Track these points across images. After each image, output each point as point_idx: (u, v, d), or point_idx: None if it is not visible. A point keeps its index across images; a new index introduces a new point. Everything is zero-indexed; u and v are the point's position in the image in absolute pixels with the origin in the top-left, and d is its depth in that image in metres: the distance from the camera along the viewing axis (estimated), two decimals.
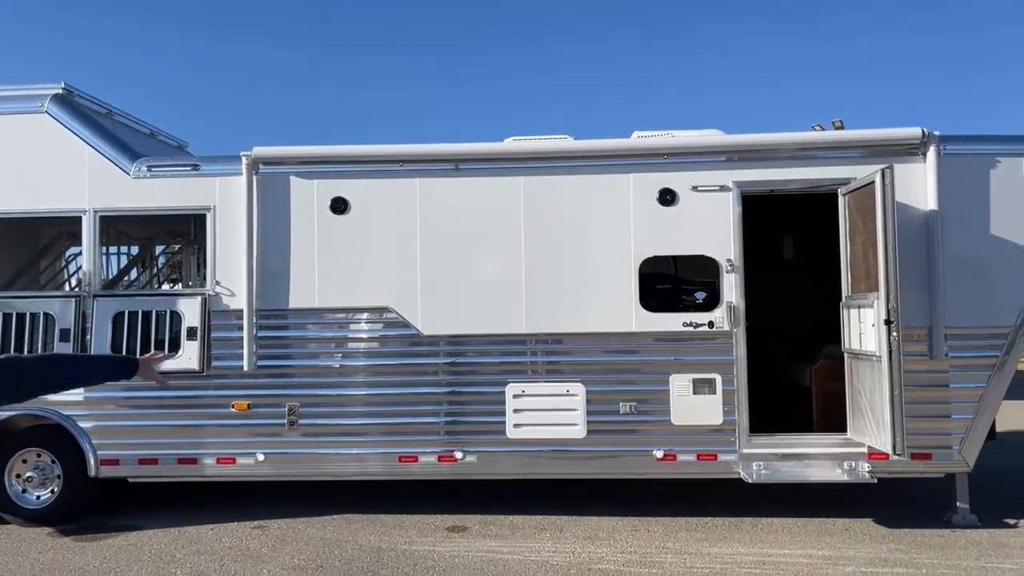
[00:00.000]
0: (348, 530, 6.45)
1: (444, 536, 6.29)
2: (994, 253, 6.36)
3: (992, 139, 6.51)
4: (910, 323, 6.12)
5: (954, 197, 6.36)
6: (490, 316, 6.65)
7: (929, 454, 6.30)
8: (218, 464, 6.68)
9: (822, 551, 5.82)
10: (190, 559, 5.79)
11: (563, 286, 6.62)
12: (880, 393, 5.86)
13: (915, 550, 5.81)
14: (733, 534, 6.26)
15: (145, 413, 6.70)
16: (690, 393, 6.50)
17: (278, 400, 6.68)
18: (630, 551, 5.87)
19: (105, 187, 6.82)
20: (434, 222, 6.72)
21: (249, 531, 6.46)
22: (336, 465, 6.68)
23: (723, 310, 6.52)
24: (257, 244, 6.71)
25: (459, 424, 6.63)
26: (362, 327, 6.74)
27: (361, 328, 6.74)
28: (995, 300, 6.36)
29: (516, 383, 6.61)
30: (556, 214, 6.67)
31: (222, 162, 6.84)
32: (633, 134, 7.11)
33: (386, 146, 6.81)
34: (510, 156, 6.75)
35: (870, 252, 6.03)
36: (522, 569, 5.49)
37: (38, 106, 6.92)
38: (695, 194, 6.58)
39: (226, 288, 6.73)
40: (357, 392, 6.68)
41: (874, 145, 6.49)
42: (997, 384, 6.34)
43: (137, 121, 8.11)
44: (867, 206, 6.05)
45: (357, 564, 5.63)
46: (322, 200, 6.74)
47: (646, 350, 6.57)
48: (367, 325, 6.73)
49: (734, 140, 6.69)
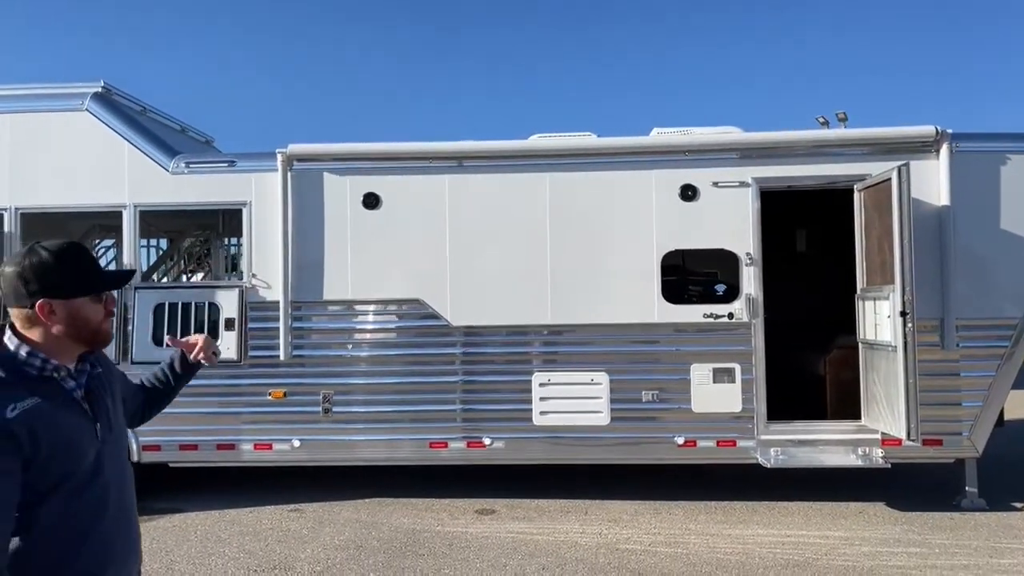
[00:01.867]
0: (381, 513, 6.72)
1: (474, 518, 6.56)
2: (1003, 248, 6.60)
3: (1003, 137, 6.74)
4: (923, 315, 6.36)
5: (965, 193, 6.60)
6: (517, 308, 6.90)
7: (940, 440, 6.56)
8: (255, 450, 6.94)
9: (838, 532, 6.09)
10: (235, 539, 6.06)
11: (587, 279, 6.87)
12: (895, 382, 6.11)
13: (927, 531, 6.08)
14: (752, 517, 6.53)
15: (185, 401, 6.81)
16: (710, 382, 6.76)
17: (313, 388, 6.94)
18: (654, 532, 6.14)
19: (145, 183, 7.06)
20: (463, 217, 6.96)
21: (286, 514, 6.73)
22: (368, 451, 6.95)
23: (742, 302, 6.77)
24: (292, 238, 6.95)
25: (487, 411, 6.89)
26: (393, 318, 6.99)
27: (392, 319, 6.99)
28: (1004, 293, 6.60)
29: (542, 372, 6.87)
30: (580, 209, 6.91)
31: (257, 159, 7.08)
32: (652, 131, 7.34)
33: (416, 143, 7.05)
34: (536, 153, 6.98)
35: (885, 246, 6.27)
36: (552, 549, 5.76)
37: (79, 104, 7.15)
38: (715, 190, 6.82)
39: (262, 280, 6.98)
40: (389, 380, 6.94)
41: (888, 143, 6.72)
42: (1006, 373, 6.60)
43: (168, 118, 8.34)
44: (883, 202, 6.29)
45: (395, 544, 5.90)
46: (354, 195, 6.98)
47: (668, 340, 6.82)
48: (398, 316, 6.98)
49: (753, 138, 6.92)
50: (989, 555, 5.53)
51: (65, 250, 1.95)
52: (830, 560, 5.46)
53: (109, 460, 1.97)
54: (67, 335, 1.91)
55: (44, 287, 1.88)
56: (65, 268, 1.91)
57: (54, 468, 1.81)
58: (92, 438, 1.93)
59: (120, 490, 1.99)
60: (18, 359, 1.85)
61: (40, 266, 1.88)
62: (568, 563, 5.46)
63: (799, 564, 5.39)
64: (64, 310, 1.90)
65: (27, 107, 7.15)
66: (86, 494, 1.88)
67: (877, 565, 5.36)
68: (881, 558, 5.50)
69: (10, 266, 1.89)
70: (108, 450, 1.98)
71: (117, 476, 2.00)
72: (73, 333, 1.92)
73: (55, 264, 1.90)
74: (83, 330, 1.94)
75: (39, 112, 7.14)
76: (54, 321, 1.89)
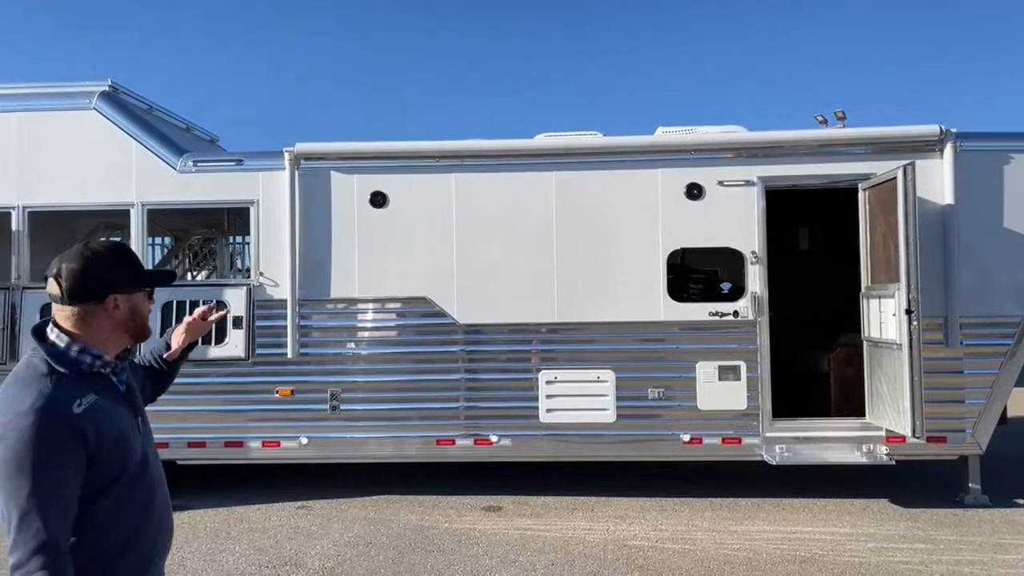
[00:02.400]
0: (389, 510, 6.75)
1: (481, 515, 6.60)
2: (1007, 246, 6.66)
3: (1007, 136, 6.80)
4: (926, 313, 6.40)
5: (969, 192, 6.65)
6: (523, 306, 6.94)
7: (944, 437, 6.61)
8: (263, 447, 6.97)
9: (844, 528, 6.14)
10: (245, 536, 6.09)
11: (594, 277, 6.91)
12: (900, 379, 6.16)
13: (931, 527, 6.13)
14: (757, 513, 6.58)
15: (193, 399, 6.98)
16: (716, 379, 6.81)
17: (320, 386, 6.98)
18: (661, 529, 6.18)
19: (153, 181, 7.08)
20: (469, 215, 6.99)
21: (294, 511, 6.76)
22: (376, 448, 6.98)
23: (747, 300, 6.82)
24: (299, 236, 6.98)
25: (494, 409, 6.93)
26: (400, 316, 7.03)
27: (399, 317, 7.03)
28: (1007, 291, 6.66)
29: (549, 370, 6.91)
30: (587, 207, 6.95)
31: (265, 158, 7.11)
32: (657, 130, 7.39)
33: (423, 142, 7.09)
34: (542, 152, 7.02)
35: (890, 244, 6.32)
36: (561, 545, 5.80)
37: (86, 103, 7.17)
38: (721, 188, 6.86)
39: (270, 279, 7.01)
40: (396, 378, 6.98)
41: (893, 142, 6.77)
42: (1009, 371, 6.65)
43: (173, 116, 8.36)
44: (888, 201, 6.33)
45: (405, 540, 5.93)
46: (362, 194, 7.02)
47: (673, 338, 6.87)
48: (405, 314, 7.02)
49: (758, 137, 6.97)
50: (993, 551, 5.58)
51: (120, 249, 2.07)
52: (837, 556, 5.51)
53: (152, 454, 2.03)
54: (125, 329, 1.98)
55: (110, 283, 1.95)
56: (124, 265, 2.00)
57: (112, 463, 1.86)
58: (137, 433, 1.98)
59: (162, 485, 2.04)
60: (71, 355, 1.88)
61: (104, 263, 1.95)
62: (577, 559, 5.50)
63: (806, 560, 5.44)
64: (127, 304, 1.98)
65: (35, 106, 7.17)
66: (136, 489, 1.93)
67: (883, 561, 5.40)
68: (887, 554, 5.55)
69: (74, 263, 1.92)
70: (149, 445, 2.03)
71: (159, 471, 2.05)
72: (131, 327, 2.00)
73: (116, 262, 1.99)
74: (138, 324, 2.02)
75: (47, 111, 7.17)
76: (117, 316, 1.96)
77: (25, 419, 1.74)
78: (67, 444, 1.77)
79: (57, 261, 1.94)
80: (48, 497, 1.72)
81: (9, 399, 1.78)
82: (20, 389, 1.79)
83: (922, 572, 5.19)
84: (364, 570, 5.35)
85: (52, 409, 1.77)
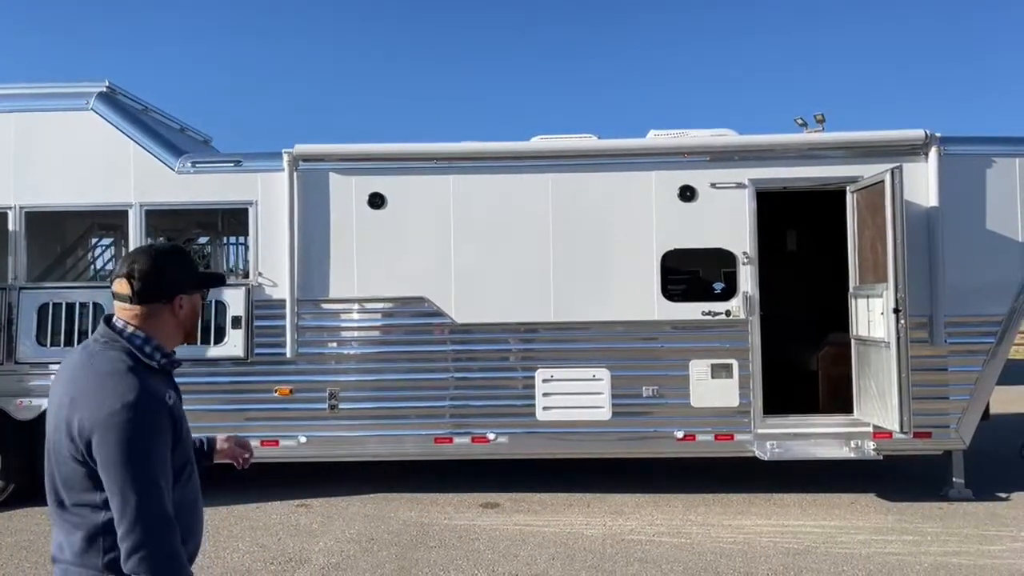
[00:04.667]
0: (388, 507, 6.83)
1: (480, 512, 6.70)
2: (989, 247, 6.86)
3: (989, 140, 7.00)
4: (912, 312, 6.57)
5: (953, 195, 6.85)
6: (520, 305, 7.04)
7: (929, 432, 6.81)
8: (262, 446, 7.01)
9: (834, 522, 6.31)
10: (246, 534, 6.15)
11: (589, 277, 7.03)
12: (888, 376, 6.34)
13: (918, 520, 6.32)
14: (749, 508, 6.73)
15: (191, 398, 6.91)
16: (708, 377, 6.95)
17: (319, 385, 7.04)
18: (657, 524, 6.32)
19: (151, 182, 7.11)
20: (466, 216, 7.09)
21: (294, 508, 6.83)
22: (375, 446, 7.06)
23: (739, 299, 6.97)
24: (298, 237, 7.04)
25: (491, 407, 7.03)
26: (399, 316, 7.11)
27: (398, 317, 7.11)
28: (990, 291, 6.86)
29: (545, 368, 7.02)
30: (582, 209, 7.07)
31: (263, 159, 7.16)
32: (649, 133, 7.53)
33: (421, 144, 7.17)
34: (539, 154, 7.13)
35: (878, 245, 6.50)
36: (560, 540, 5.92)
37: (84, 103, 7.18)
38: (713, 190, 7.01)
39: (268, 279, 7.06)
40: (395, 377, 7.06)
41: (880, 146, 6.95)
42: (991, 368, 6.86)
43: (168, 117, 8.38)
44: (875, 203, 6.51)
45: (406, 537, 6.02)
46: (360, 195, 7.09)
47: (667, 337, 7.01)
48: (403, 314, 7.10)
49: (750, 140, 7.12)
50: (979, 542, 5.77)
51: (183, 251, 2.19)
52: (828, 548, 5.67)
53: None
54: (183, 328, 2.09)
55: (178, 284, 2.06)
56: (188, 267, 2.12)
57: (183, 454, 1.99)
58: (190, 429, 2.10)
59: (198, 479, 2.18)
60: (147, 350, 1.99)
61: (173, 265, 2.07)
62: (577, 553, 5.62)
63: (799, 552, 5.59)
64: (189, 304, 2.10)
65: (32, 106, 7.17)
66: (192, 480, 2.06)
67: (874, 552, 5.57)
68: (877, 546, 5.72)
69: (145, 264, 2.01)
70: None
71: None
72: (189, 327, 2.12)
73: (182, 263, 2.11)
74: (194, 323, 2.13)
75: (44, 111, 7.17)
76: (180, 315, 2.07)
77: (137, 408, 1.84)
78: (167, 431, 1.90)
79: (127, 262, 2.03)
80: (161, 477, 1.85)
81: (113, 390, 1.86)
82: (119, 380, 1.88)
83: (911, 563, 5.37)
84: (368, 565, 5.43)
85: (157, 398, 1.90)
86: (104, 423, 1.81)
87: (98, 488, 1.84)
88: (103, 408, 1.82)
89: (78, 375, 1.91)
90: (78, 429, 1.83)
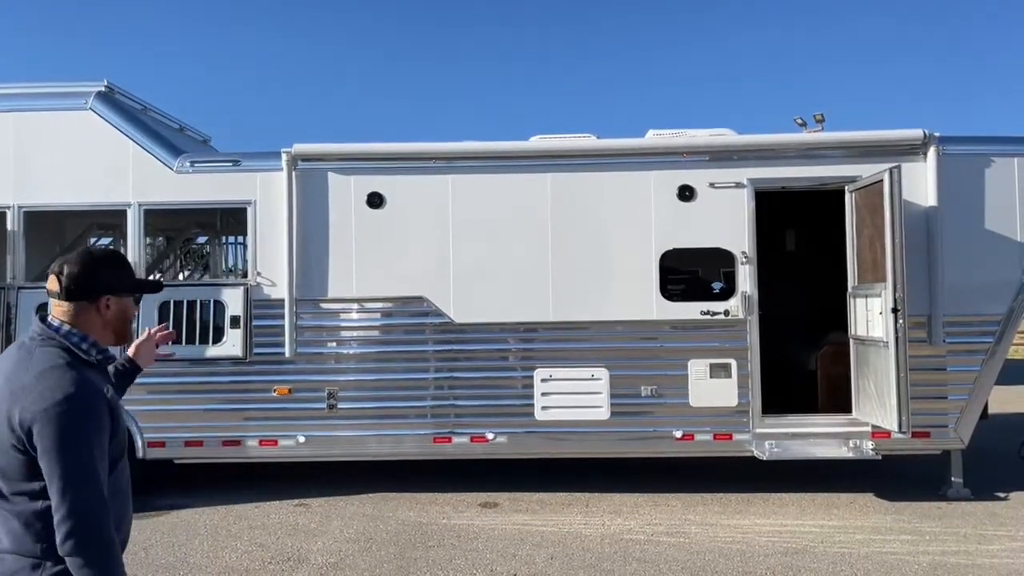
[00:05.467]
0: (386, 507, 6.83)
1: (479, 511, 6.70)
2: (988, 247, 6.86)
3: (988, 140, 7.01)
4: (911, 311, 6.57)
5: (952, 194, 6.85)
6: (519, 305, 7.04)
7: (928, 432, 6.81)
8: (261, 446, 7.03)
9: (832, 521, 6.31)
10: (245, 533, 6.15)
11: (588, 277, 7.03)
12: (887, 376, 6.35)
13: (916, 520, 6.32)
14: (748, 507, 6.73)
15: (190, 397, 7.02)
16: (707, 377, 6.96)
17: (318, 385, 7.04)
18: (656, 523, 6.32)
19: (149, 181, 7.11)
20: (465, 216, 7.09)
21: (292, 508, 6.83)
22: (373, 446, 7.06)
23: (738, 299, 6.97)
24: (297, 236, 7.04)
25: (490, 407, 7.03)
26: (397, 315, 7.11)
27: (396, 316, 7.11)
28: (988, 291, 6.86)
29: (544, 368, 7.02)
30: (581, 208, 7.08)
31: (262, 158, 7.16)
32: (648, 132, 7.53)
33: (420, 144, 7.18)
34: (538, 154, 7.14)
35: (876, 245, 6.50)
36: (559, 539, 5.92)
37: (82, 103, 7.18)
38: (712, 190, 7.02)
39: (267, 278, 7.06)
40: (393, 377, 7.06)
41: (878, 145, 6.96)
42: (990, 368, 6.86)
43: (167, 117, 8.38)
44: (875, 203, 6.52)
45: (404, 536, 6.02)
46: (359, 195, 7.09)
47: (666, 337, 7.01)
48: (402, 314, 7.10)
49: (748, 140, 7.13)
50: (977, 542, 5.77)
51: (117, 256, 2.27)
52: (827, 548, 5.67)
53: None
54: (112, 329, 2.16)
55: (106, 284, 2.14)
56: (120, 271, 2.19)
57: (117, 447, 2.08)
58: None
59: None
60: (83, 346, 2.08)
61: (103, 267, 2.15)
62: (576, 552, 5.62)
63: (798, 552, 5.59)
64: (117, 306, 2.16)
65: (31, 106, 7.17)
66: (124, 474, 2.16)
67: (872, 552, 5.57)
68: (875, 545, 5.72)
69: (75, 266, 2.10)
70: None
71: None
72: (117, 328, 2.18)
73: (113, 266, 2.18)
74: (123, 326, 2.20)
75: (43, 111, 7.17)
76: (106, 316, 2.14)
77: (77, 399, 1.94)
78: (106, 422, 2.00)
79: (60, 260, 2.13)
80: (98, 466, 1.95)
81: (56, 383, 1.95)
82: (60, 374, 1.97)
83: (909, 562, 5.37)
84: (367, 565, 5.43)
85: (96, 391, 2.00)
86: (45, 413, 1.90)
87: (37, 477, 1.92)
88: (45, 399, 1.91)
89: (17, 370, 1.99)
90: (19, 420, 1.91)
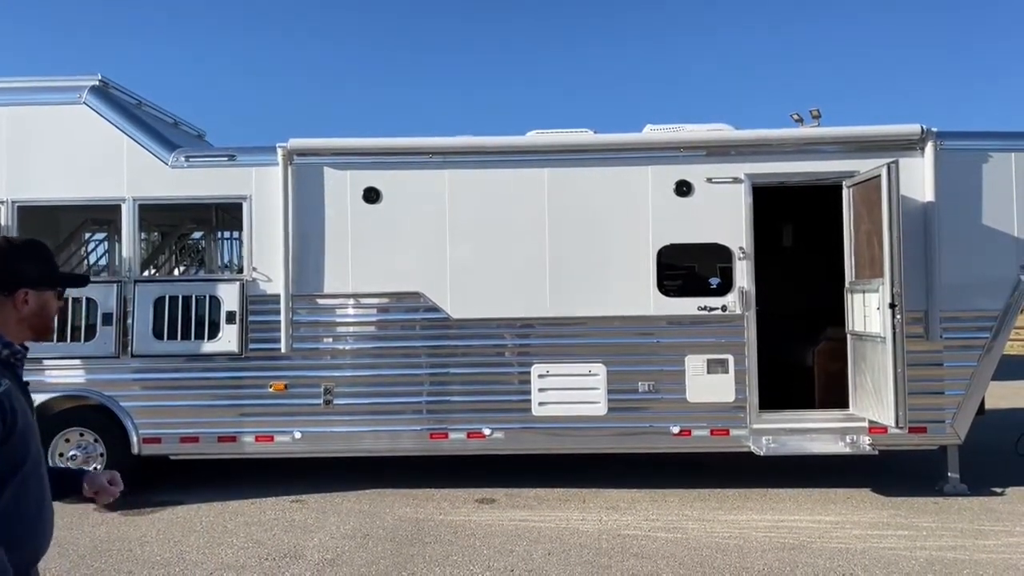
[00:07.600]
0: (383, 503, 6.81)
1: (475, 508, 6.68)
2: (985, 242, 6.86)
3: (985, 135, 6.99)
4: (908, 307, 6.55)
5: (950, 190, 6.84)
6: (516, 300, 7.02)
7: (924, 427, 6.81)
8: (257, 442, 7.00)
9: (829, 517, 6.31)
10: (242, 529, 6.13)
11: (585, 272, 7.01)
12: (884, 371, 6.34)
13: (913, 515, 6.32)
14: (745, 503, 6.73)
15: (186, 393, 6.99)
16: (704, 372, 6.94)
17: (314, 380, 7.01)
18: (653, 519, 6.31)
19: (144, 176, 7.07)
20: (462, 211, 7.06)
21: (288, 504, 6.80)
22: (370, 442, 7.04)
23: (735, 295, 6.96)
24: (293, 232, 7.01)
25: (487, 402, 7.01)
26: (394, 311, 7.08)
27: (393, 312, 7.08)
28: (985, 286, 6.86)
29: (541, 363, 7.00)
30: (578, 204, 7.05)
31: (258, 153, 7.12)
32: (646, 127, 7.50)
33: (416, 139, 7.14)
34: (535, 149, 7.11)
35: (875, 241, 6.49)
36: (556, 535, 5.91)
37: (76, 97, 7.13)
38: (709, 185, 6.99)
39: (263, 274, 7.03)
40: (390, 372, 7.04)
41: (876, 140, 6.94)
42: (986, 364, 6.86)
43: (161, 111, 8.33)
44: (872, 198, 6.50)
45: (401, 533, 6.01)
46: (355, 190, 7.06)
47: (663, 332, 6.99)
48: (399, 309, 7.07)
49: (746, 135, 7.10)
50: (974, 537, 5.77)
51: (38, 246, 2.10)
52: (824, 543, 5.67)
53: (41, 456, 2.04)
54: (29, 324, 2.04)
55: (22, 277, 2.01)
56: (40, 262, 2.06)
57: (19, 449, 1.90)
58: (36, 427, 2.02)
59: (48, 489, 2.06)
60: None
61: (19, 258, 2.02)
62: (573, 548, 5.61)
63: (795, 547, 5.59)
64: (36, 300, 2.04)
65: (24, 100, 7.12)
66: (33, 479, 1.96)
67: (869, 547, 5.57)
68: (872, 540, 5.72)
69: None
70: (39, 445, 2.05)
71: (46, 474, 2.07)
72: (36, 323, 2.05)
73: (32, 258, 2.05)
74: (43, 321, 2.07)
75: (36, 105, 7.12)
76: (24, 310, 2.01)
77: None
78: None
79: None
80: None
81: None
82: None
83: (906, 557, 5.37)
84: (363, 561, 5.41)
85: None
86: None
87: None
88: None
89: None
90: None
